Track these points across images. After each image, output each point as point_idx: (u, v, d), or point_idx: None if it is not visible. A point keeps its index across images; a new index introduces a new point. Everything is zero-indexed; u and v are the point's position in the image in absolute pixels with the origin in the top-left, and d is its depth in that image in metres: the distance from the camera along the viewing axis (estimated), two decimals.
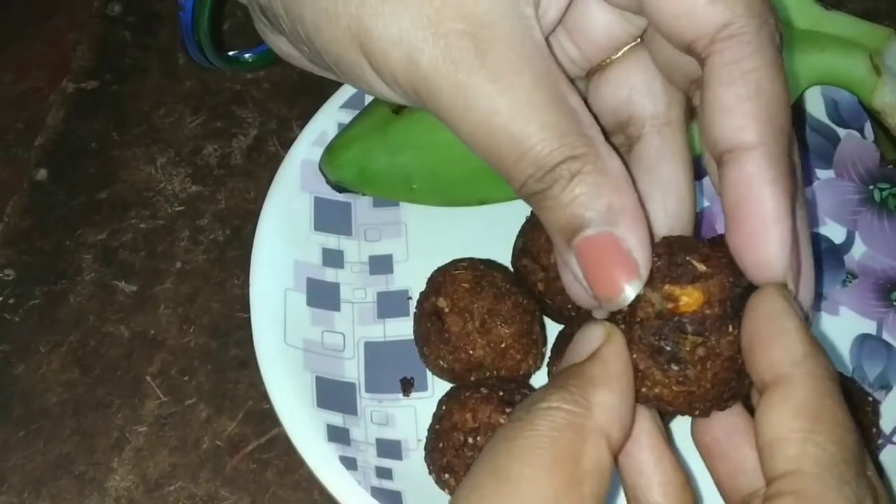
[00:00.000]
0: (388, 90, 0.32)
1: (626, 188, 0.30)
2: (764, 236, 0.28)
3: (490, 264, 0.49)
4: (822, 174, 0.53)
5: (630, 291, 0.29)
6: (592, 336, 0.30)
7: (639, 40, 0.34)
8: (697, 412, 0.31)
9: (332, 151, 0.52)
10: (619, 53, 0.34)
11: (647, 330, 0.30)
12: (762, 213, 0.28)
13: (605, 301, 0.30)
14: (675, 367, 0.30)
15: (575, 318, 0.48)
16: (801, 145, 0.53)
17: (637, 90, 0.34)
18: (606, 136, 0.30)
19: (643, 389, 0.30)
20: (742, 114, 0.28)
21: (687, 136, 0.34)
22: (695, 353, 0.29)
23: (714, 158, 0.30)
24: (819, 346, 0.28)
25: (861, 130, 0.53)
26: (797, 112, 0.53)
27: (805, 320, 0.29)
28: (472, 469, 0.28)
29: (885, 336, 0.49)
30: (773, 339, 0.28)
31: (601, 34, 0.34)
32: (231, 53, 0.52)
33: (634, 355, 0.30)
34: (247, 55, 0.53)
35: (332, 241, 0.52)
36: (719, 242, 0.31)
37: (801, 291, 0.31)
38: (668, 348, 0.30)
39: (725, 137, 0.29)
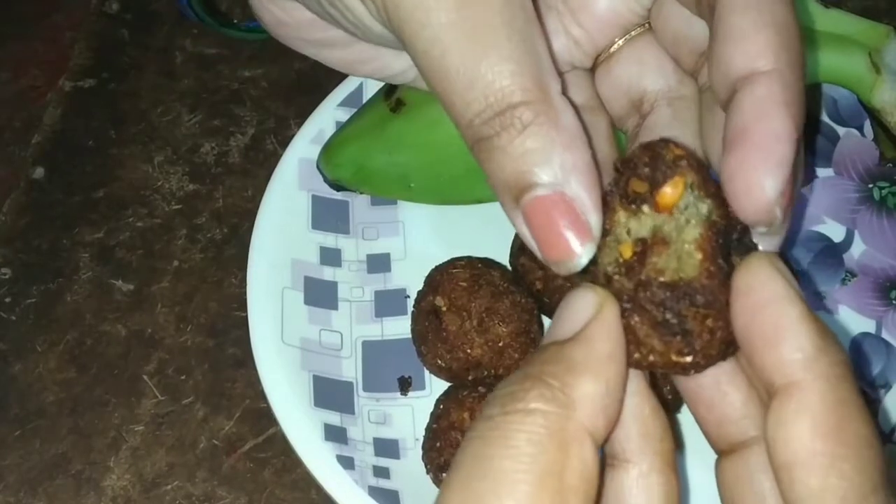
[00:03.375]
0: (360, 7, 0.31)
1: (580, 145, 0.28)
2: (764, 156, 0.26)
3: (488, 263, 0.49)
4: (822, 172, 0.53)
5: (583, 256, 0.27)
6: (580, 307, 0.27)
7: (646, 27, 0.34)
8: (692, 373, 0.29)
9: (329, 150, 0.52)
10: (627, 37, 0.34)
11: (650, 299, 0.27)
12: (767, 131, 0.26)
13: (555, 266, 0.28)
14: (680, 339, 0.27)
15: None
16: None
17: (648, 66, 0.33)
18: (565, 89, 0.29)
19: (636, 356, 0.28)
20: (758, 40, 0.27)
21: (698, 113, 0.32)
22: (704, 324, 0.27)
23: (723, 94, 0.28)
24: (830, 335, 0.25)
25: (860, 129, 0.53)
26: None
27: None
28: (444, 486, 0.24)
29: (885, 335, 0.49)
30: (778, 335, 0.25)
31: (605, 9, 0.33)
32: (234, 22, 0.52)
33: (633, 321, 0.27)
34: (252, 24, 0.53)
35: (329, 239, 0.52)
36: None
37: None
38: (675, 322, 0.27)
39: (740, 64, 0.27)
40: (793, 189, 0.27)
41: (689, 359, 0.27)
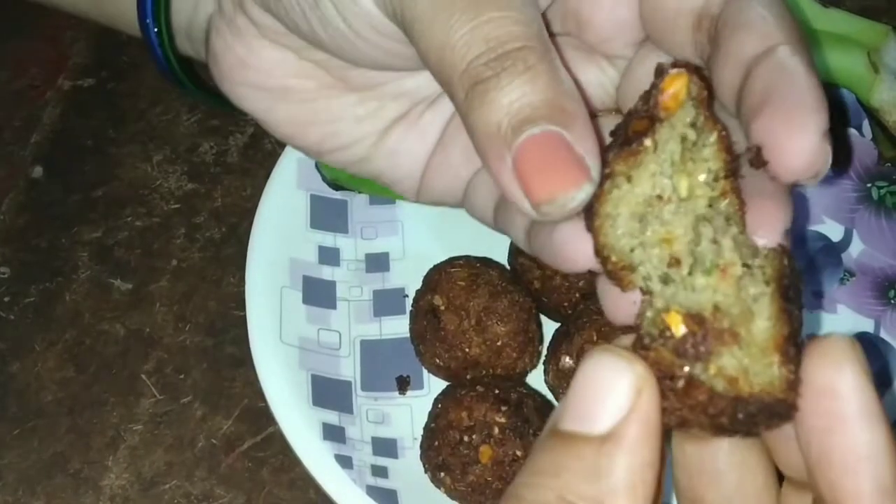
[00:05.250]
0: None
1: (581, 101, 0.26)
2: (803, 102, 0.24)
3: (486, 262, 0.49)
4: None
5: (577, 195, 0.25)
6: (615, 391, 0.23)
7: (612, 113, 0.33)
8: None
9: None
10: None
11: (714, 406, 0.23)
12: (800, 84, 0.25)
13: (544, 208, 0.25)
14: (740, 436, 0.24)
15: (572, 316, 0.47)
16: None
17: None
18: (561, 57, 0.28)
19: (671, 426, 0.24)
20: (769, 23, 0.26)
21: None
22: (772, 427, 0.24)
23: (736, 82, 0.26)
24: None
25: (859, 128, 0.53)
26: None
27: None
28: None
29: (883, 334, 0.49)
30: (859, 462, 0.23)
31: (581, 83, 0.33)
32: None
33: (684, 413, 0.23)
34: None
35: (328, 238, 0.52)
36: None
37: None
38: (742, 430, 0.24)
39: (755, 43, 0.26)
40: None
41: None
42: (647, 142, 0.26)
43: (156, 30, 0.39)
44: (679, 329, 0.24)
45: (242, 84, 0.36)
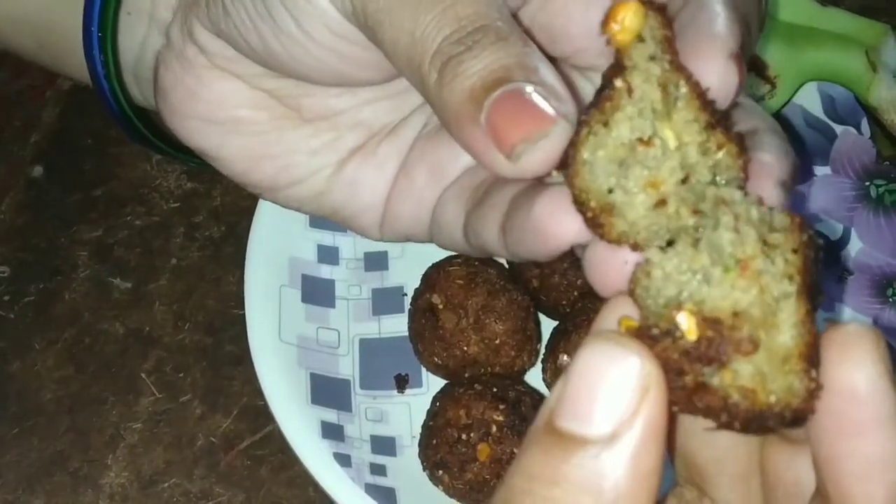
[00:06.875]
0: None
1: (551, 66, 0.27)
2: (711, 34, 0.26)
3: (485, 260, 0.49)
4: (819, 171, 0.53)
5: (553, 128, 0.25)
6: (619, 386, 0.21)
7: None
8: None
9: None
10: None
11: (728, 413, 0.22)
12: (711, 17, 0.26)
13: (519, 145, 0.25)
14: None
15: (570, 314, 0.47)
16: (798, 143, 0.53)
17: None
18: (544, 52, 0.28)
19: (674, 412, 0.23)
20: None
21: None
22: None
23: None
24: None
25: (858, 127, 0.53)
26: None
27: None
28: None
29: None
30: (874, 469, 0.22)
31: None
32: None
33: (690, 411, 0.22)
34: None
35: (327, 237, 0.52)
36: None
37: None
38: (746, 433, 0.22)
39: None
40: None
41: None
42: (619, 83, 0.25)
43: (102, 59, 0.37)
44: (692, 332, 0.22)
45: (192, 117, 0.35)
